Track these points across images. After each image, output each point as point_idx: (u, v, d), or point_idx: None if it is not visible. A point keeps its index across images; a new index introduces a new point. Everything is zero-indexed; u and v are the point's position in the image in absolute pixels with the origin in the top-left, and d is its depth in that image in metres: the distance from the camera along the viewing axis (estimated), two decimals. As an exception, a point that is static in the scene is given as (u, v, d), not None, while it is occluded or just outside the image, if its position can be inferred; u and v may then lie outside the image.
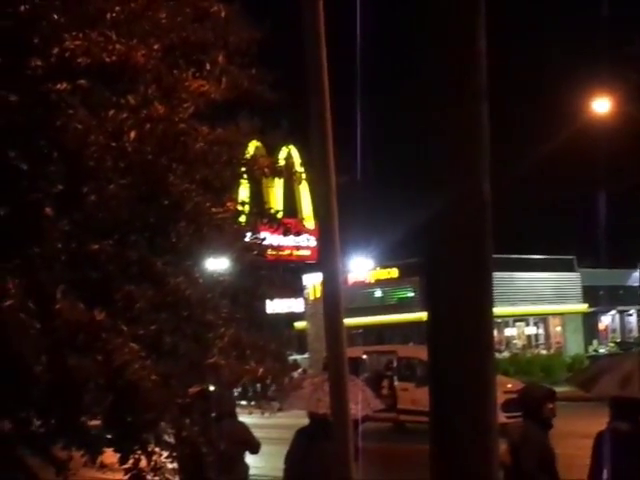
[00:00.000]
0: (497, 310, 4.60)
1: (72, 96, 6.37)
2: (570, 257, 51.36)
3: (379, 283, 50.22)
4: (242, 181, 8.12)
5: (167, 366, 6.66)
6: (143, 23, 6.92)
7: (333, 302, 5.34)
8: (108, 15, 6.69)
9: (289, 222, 8.48)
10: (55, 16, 6.42)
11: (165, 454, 7.22)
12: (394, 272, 49.25)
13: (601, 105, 31.31)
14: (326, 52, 5.46)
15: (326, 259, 5.33)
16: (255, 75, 7.68)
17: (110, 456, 7.14)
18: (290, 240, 38.05)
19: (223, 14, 7.58)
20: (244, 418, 10.69)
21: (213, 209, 7.09)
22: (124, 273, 6.70)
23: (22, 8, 6.30)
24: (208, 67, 7.46)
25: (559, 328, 52.00)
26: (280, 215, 8.31)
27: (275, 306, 43.52)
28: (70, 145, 6.32)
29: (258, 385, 9.23)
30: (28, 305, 6.01)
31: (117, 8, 6.73)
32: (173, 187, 6.78)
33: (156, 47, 6.84)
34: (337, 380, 5.35)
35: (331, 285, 5.36)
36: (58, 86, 6.31)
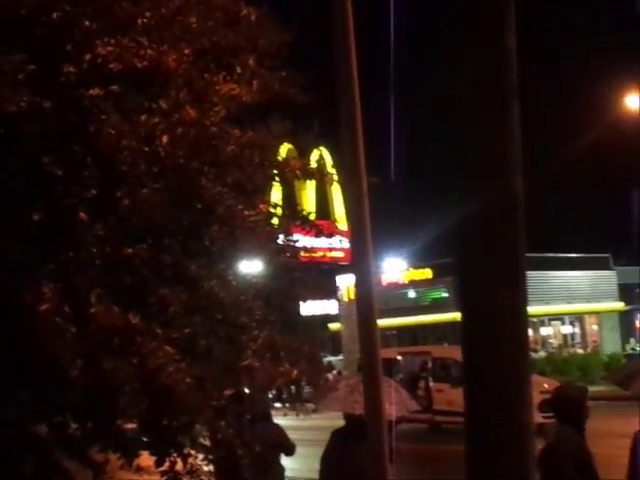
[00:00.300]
0: (532, 309, 4.58)
1: (105, 101, 6.41)
2: (605, 255, 51.02)
3: (413, 284, 50.16)
4: (274, 183, 8.14)
5: (201, 369, 6.68)
6: (174, 28, 6.95)
7: (366, 303, 5.35)
8: (139, 21, 6.73)
9: (322, 224, 8.49)
10: (87, 23, 6.47)
11: (200, 457, 7.25)
12: (427, 273, 49.17)
13: (634, 101, 31.05)
14: (356, 52, 5.47)
15: (359, 260, 5.34)
16: (286, 77, 7.70)
17: (146, 459, 7.19)
18: (323, 242, 38.03)
19: (253, 17, 7.61)
20: (279, 420, 10.72)
21: (245, 212, 7.11)
22: (158, 277, 6.73)
23: (55, 15, 6.36)
24: (239, 70, 7.49)
25: (595, 327, 51.66)
26: (312, 217, 8.33)
27: (309, 308, 43.60)
28: (103, 150, 6.37)
29: (292, 387, 9.24)
30: (63, 309, 6.06)
31: (148, 14, 6.77)
32: (205, 190, 6.81)
33: (187, 52, 6.87)
34: (371, 381, 5.36)
35: (364, 286, 5.37)
36: (91, 92, 6.35)
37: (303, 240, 9.11)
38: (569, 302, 48.95)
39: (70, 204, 6.36)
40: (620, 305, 50.57)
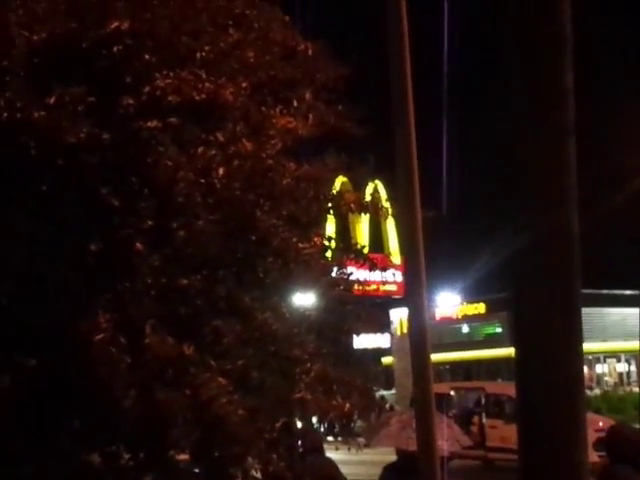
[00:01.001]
0: (587, 346, 4.52)
1: (162, 133, 6.49)
2: (662, 292, 50.26)
3: (466, 318, 49.85)
4: (328, 217, 8.15)
5: (254, 401, 6.68)
6: (232, 62, 7.03)
7: (419, 337, 5.33)
8: (198, 54, 6.81)
9: (375, 257, 8.47)
10: (147, 56, 6.56)
11: (252, 489, 7.23)
12: (481, 307, 48.86)
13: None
14: (412, 86, 5.48)
15: (412, 294, 5.32)
16: (342, 111, 7.73)
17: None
18: (377, 275, 38.03)
19: (310, 52, 7.67)
20: (331, 454, 10.67)
21: (300, 245, 7.12)
22: (212, 308, 6.76)
23: (115, 49, 6.46)
24: (295, 104, 7.54)
25: (652, 365, 50.82)
26: (366, 250, 8.31)
27: (362, 341, 43.46)
28: (160, 181, 6.43)
29: (344, 421, 9.24)
30: (118, 339, 6.11)
31: (207, 47, 6.85)
32: (260, 223, 6.84)
33: (244, 85, 6.94)
34: (424, 416, 5.31)
35: (417, 320, 5.34)
36: (149, 124, 6.43)
37: (357, 273, 9.10)
38: (625, 340, 48.26)
39: (126, 235, 6.43)
40: (678, 343, 49.72)
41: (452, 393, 31.51)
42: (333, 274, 8.13)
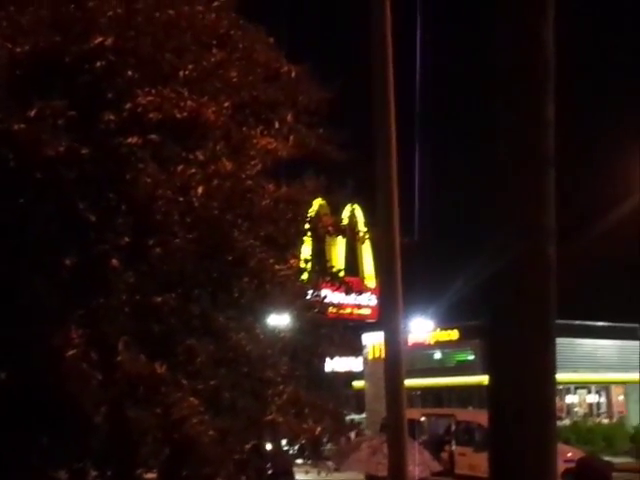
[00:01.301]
0: (558, 376, 4.52)
1: (142, 150, 6.47)
2: (634, 325, 50.46)
3: (439, 345, 49.80)
4: (305, 239, 8.15)
5: (225, 422, 6.65)
6: (214, 81, 7.03)
7: (394, 362, 5.32)
8: (181, 72, 6.81)
9: (351, 280, 8.48)
10: (129, 72, 6.55)
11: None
12: (454, 334, 48.81)
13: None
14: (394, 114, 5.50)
15: (388, 319, 5.32)
16: (323, 134, 7.75)
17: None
18: (351, 298, 38.03)
19: (293, 74, 7.68)
20: (300, 477, 10.62)
21: (276, 266, 7.12)
22: (186, 327, 6.73)
23: (98, 64, 6.45)
24: (277, 125, 7.55)
25: (621, 397, 50.96)
26: (342, 274, 8.32)
27: (334, 364, 43.35)
28: (138, 198, 6.41)
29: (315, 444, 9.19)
30: (90, 356, 6.07)
31: (190, 66, 6.85)
32: (238, 243, 6.83)
33: (226, 104, 6.94)
34: (396, 441, 5.31)
35: (393, 345, 5.34)
36: (129, 140, 6.42)
37: (331, 296, 9.09)
38: (596, 371, 48.40)
39: (103, 250, 6.40)
40: (648, 376, 49.94)
41: (423, 419, 31.48)
42: (308, 296, 8.12)
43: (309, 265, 8.16)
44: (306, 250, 8.72)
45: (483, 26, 4.54)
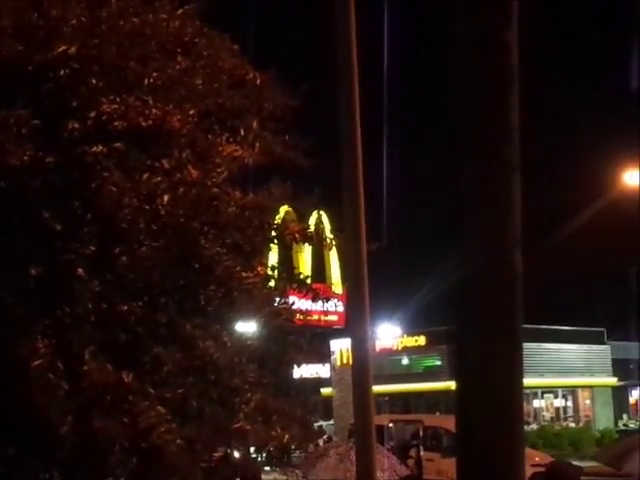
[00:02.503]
0: (525, 381, 4.54)
1: (107, 159, 6.45)
2: (600, 329, 50.88)
3: (406, 350, 49.94)
4: (272, 246, 8.14)
5: (192, 430, 6.63)
6: (180, 89, 7.02)
7: (362, 368, 5.33)
8: (146, 81, 6.79)
9: (318, 287, 8.48)
10: (93, 81, 6.53)
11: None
12: (421, 340, 49.00)
13: (633, 177, 31.23)
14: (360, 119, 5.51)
15: (355, 325, 5.33)
16: (288, 141, 7.75)
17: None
18: (318, 305, 37.99)
19: (258, 81, 7.69)
20: (268, 484, 10.60)
21: (243, 273, 7.11)
22: (153, 335, 6.71)
23: (62, 73, 6.42)
24: (242, 132, 7.55)
25: (588, 401, 51.33)
26: (309, 280, 8.32)
27: (302, 371, 43.34)
28: (104, 207, 6.39)
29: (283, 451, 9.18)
30: (57, 365, 6.03)
31: (155, 74, 6.84)
32: (204, 250, 6.82)
33: (192, 112, 6.93)
34: (364, 447, 5.31)
35: (360, 351, 5.35)
36: (94, 149, 6.39)
37: (299, 303, 9.08)
38: (562, 375, 48.73)
39: (68, 260, 6.36)
40: (613, 380, 50.30)
41: (390, 425, 31.51)
42: (275, 304, 8.11)
43: (276, 272, 8.15)
44: (273, 257, 8.72)
45: (447, 28, 4.56)
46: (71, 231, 6.42)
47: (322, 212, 12.56)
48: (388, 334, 49.74)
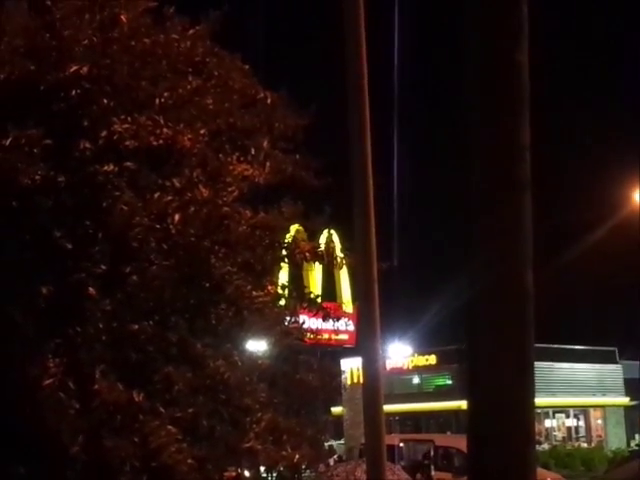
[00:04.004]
0: (537, 400, 4.52)
1: (119, 178, 6.47)
2: (612, 349, 50.67)
3: (417, 369, 49.79)
4: (282, 265, 8.14)
5: (203, 450, 6.61)
6: (191, 108, 7.05)
7: (372, 387, 5.31)
8: (157, 100, 6.82)
9: (328, 306, 8.47)
10: (105, 101, 6.56)
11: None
12: (432, 359, 48.84)
13: (644, 195, 31.18)
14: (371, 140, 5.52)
15: (366, 345, 5.31)
16: (299, 161, 7.76)
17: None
18: (329, 324, 37.90)
19: (269, 101, 7.71)
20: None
21: (254, 292, 7.10)
22: (163, 354, 6.70)
23: (73, 92, 6.45)
24: (253, 152, 7.56)
25: (600, 421, 51.05)
26: (319, 299, 8.30)
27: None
28: (115, 226, 6.40)
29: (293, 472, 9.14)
30: (67, 384, 6.02)
31: (166, 94, 6.87)
32: (215, 270, 6.82)
33: (202, 132, 6.95)
34: (375, 466, 5.29)
35: (371, 370, 5.33)
36: (105, 168, 6.42)
37: (309, 322, 9.08)
38: (574, 395, 48.48)
39: (79, 279, 6.37)
40: (625, 400, 50.04)
41: (401, 445, 31.37)
42: (286, 323, 8.10)
43: (286, 291, 8.14)
44: (283, 276, 8.71)
45: (459, 47, 4.57)
46: (82, 250, 6.44)
47: (332, 231, 12.58)
48: (399, 353, 49.61)
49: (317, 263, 8.44)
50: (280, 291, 8.03)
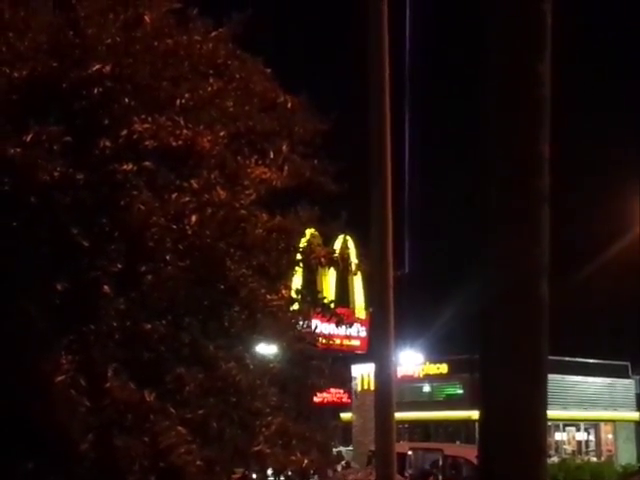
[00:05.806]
0: (548, 413, 4.51)
1: (137, 177, 6.49)
2: (624, 363, 50.45)
3: (428, 378, 49.67)
4: (297, 269, 8.14)
5: (212, 451, 6.62)
6: (211, 110, 7.06)
7: (385, 394, 5.31)
8: (178, 101, 6.84)
9: (341, 312, 8.46)
10: (126, 100, 6.58)
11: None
12: (443, 368, 48.69)
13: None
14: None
15: (380, 352, 5.31)
16: (317, 165, 7.76)
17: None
18: (341, 330, 37.91)
19: (289, 105, 7.71)
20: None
21: (267, 296, 7.11)
22: (175, 355, 6.72)
23: (95, 91, 6.47)
24: (271, 155, 7.56)
25: (610, 435, 50.80)
26: (333, 305, 8.30)
27: (322, 395, 43.18)
28: (132, 225, 6.42)
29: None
30: (79, 382, 6.04)
31: (187, 95, 6.88)
32: (230, 272, 6.82)
33: (222, 134, 6.96)
34: (385, 473, 5.29)
35: (383, 377, 5.33)
36: (124, 167, 6.43)
37: (322, 327, 9.07)
38: (585, 408, 48.27)
39: (94, 277, 6.39)
40: (636, 415, 49.80)
41: (410, 453, 31.29)
42: (299, 327, 8.10)
43: (300, 296, 8.14)
44: (297, 280, 8.71)
45: (480, 58, 4.57)
46: (98, 248, 6.46)
47: (348, 237, 12.59)
48: (410, 361, 49.52)
49: (331, 268, 8.44)
50: (294, 295, 8.03)
